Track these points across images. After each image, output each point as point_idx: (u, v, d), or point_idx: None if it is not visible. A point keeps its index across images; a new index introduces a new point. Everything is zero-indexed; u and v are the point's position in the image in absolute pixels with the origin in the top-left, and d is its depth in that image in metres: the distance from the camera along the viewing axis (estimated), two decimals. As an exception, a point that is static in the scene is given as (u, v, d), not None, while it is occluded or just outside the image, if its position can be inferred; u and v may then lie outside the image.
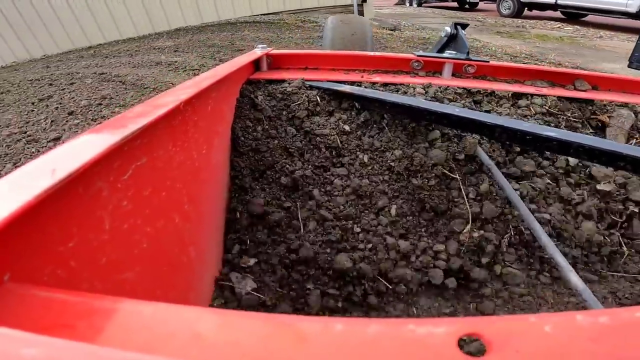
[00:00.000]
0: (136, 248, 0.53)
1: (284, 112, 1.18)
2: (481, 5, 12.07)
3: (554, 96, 1.28)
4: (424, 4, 13.29)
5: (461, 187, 1.09)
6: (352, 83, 1.27)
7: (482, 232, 1.04)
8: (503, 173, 1.07)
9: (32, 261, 0.36)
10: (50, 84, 4.04)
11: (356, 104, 1.24)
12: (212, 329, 0.31)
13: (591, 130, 1.28)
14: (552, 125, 1.21)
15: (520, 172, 1.14)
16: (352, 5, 6.20)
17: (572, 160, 1.16)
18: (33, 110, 3.37)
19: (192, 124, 0.73)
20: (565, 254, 0.95)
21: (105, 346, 0.29)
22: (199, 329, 0.30)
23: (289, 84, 1.23)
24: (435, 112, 1.01)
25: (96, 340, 0.30)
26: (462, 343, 0.30)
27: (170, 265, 0.64)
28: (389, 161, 1.15)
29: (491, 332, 0.31)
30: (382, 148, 1.17)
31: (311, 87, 1.23)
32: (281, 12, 6.24)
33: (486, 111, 1.24)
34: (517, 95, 1.30)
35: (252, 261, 0.94)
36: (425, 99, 1.21)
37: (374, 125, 1.21)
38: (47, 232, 0.38)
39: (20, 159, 2.46)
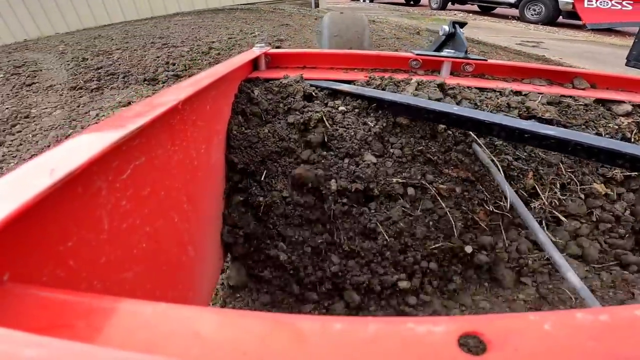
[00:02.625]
0: (135, 248, 0.53)
1: (281, 105, 1.17)
2: (423, 1, 13.27)
3: (552, 94, 1.28)
4: (374, 1, 14.44)
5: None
6: (350, 82, 1.26)
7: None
8: None
9: (31, 261, 0.36)
10: (168, 27, 5.42)
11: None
12: (212, 328, 0.31)
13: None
14: None
15: None
16: (310, -2, 8.24)
17: None
18: (174, 32, 4.99)
19: (191, 123, 0.73)
20: None
21: (105, 346, 0.29)
22: (199, 328, 0.30)
23: (286, 78, 1.22)
24: (434, 110, 1.01)
25: (95, 340, 0.30)
26: (462, 341, 0.30)
27: (169, 264, 0.64)
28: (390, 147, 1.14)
29: (491, 331, 0.31)
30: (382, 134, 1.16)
31: (309, 86, 1.23)
32: (257, 2, 8.12)
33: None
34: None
35: None
36: (430, 97, 1.20)
37: (371, 112, 1.20)
38: (47, 231, 0.38)
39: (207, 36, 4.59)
